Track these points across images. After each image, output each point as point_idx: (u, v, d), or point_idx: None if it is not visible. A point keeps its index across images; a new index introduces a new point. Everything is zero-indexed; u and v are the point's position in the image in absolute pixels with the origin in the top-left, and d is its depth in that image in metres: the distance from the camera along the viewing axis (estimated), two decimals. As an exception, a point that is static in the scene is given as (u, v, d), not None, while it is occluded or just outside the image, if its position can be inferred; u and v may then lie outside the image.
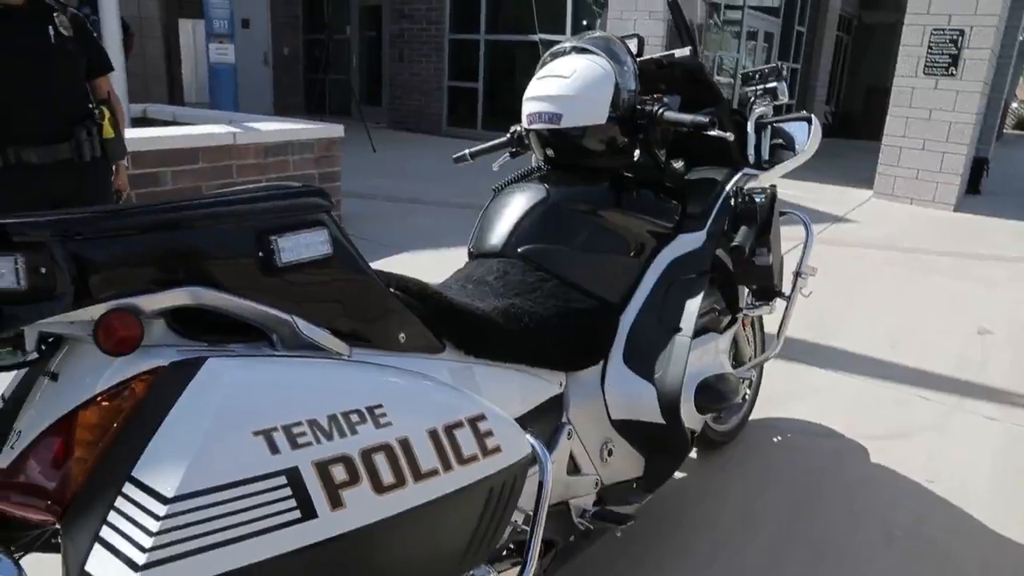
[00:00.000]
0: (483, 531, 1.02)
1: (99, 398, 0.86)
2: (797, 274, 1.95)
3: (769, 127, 1.87)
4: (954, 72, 6.45)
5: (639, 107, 1.63)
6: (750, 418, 2.44)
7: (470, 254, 1.64)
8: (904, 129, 6.84)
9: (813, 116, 1.85)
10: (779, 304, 2.01)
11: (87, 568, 0.74)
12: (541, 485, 1.13)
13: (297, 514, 0.81)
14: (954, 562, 1.88)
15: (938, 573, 1.83)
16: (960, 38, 6.39)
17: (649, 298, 1.59)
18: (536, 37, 9.49)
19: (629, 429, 1.54)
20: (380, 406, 0.92)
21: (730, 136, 1.61)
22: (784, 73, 1.80)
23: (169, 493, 0.75)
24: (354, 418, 0.89)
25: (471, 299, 1.33)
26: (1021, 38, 9.66)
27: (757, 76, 1.85)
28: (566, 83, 1.59)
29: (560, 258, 1.52)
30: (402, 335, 1.11)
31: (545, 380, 1.41)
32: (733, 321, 1.82)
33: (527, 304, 1.40)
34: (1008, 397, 2.87)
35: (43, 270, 0.79)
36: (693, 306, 1.54)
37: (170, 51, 9.30)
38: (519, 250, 1.51)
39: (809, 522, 2.01)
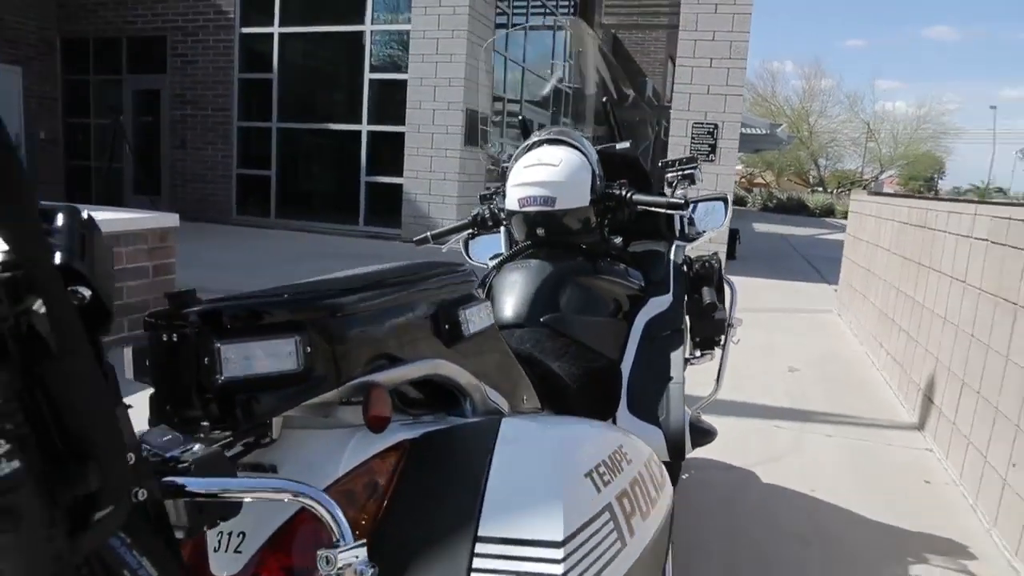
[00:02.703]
0: (666, 556, 1.15)
1: (340, 482, 0.85)
2: (728, 325, 2.31)
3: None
4: (714, 158, 7.69)
5: (607, 191, 1.90)
6: (661, 459, 2.75)
7: None
8: (677, 206, 7.97)
9: (728, 195, 2.25)
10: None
11: None
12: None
13: (619, 545, 0.87)
14: (860, 550, 2.28)
15: (853, 561, 2.22)
16: (715, 130, 7.67)
17: (638, 354, 1.82)
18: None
19: None
20: (622, 447, 1.03)
21: (686, 214, 1.94)
22: (699, 161, 2.18)
23: (559, 537, 0.77)
24: (617, 458, 0.99)
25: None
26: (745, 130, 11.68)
27: (676, 163, 2.22)
28: (556, 170, 1.81)
29: (575, 324, 1.70)
30: (525, 397, 1.23)
31: None
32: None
33: (566, 367, 1.56)
34: (832, 418, 3.49)
35: (309, 349, 0.79)
36: (678, 357, 1.80)
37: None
38: (541, 320, 1.68)
39: (743, 540, 2.31)
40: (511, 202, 1.88)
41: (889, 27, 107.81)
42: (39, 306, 0.47)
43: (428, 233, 2.18)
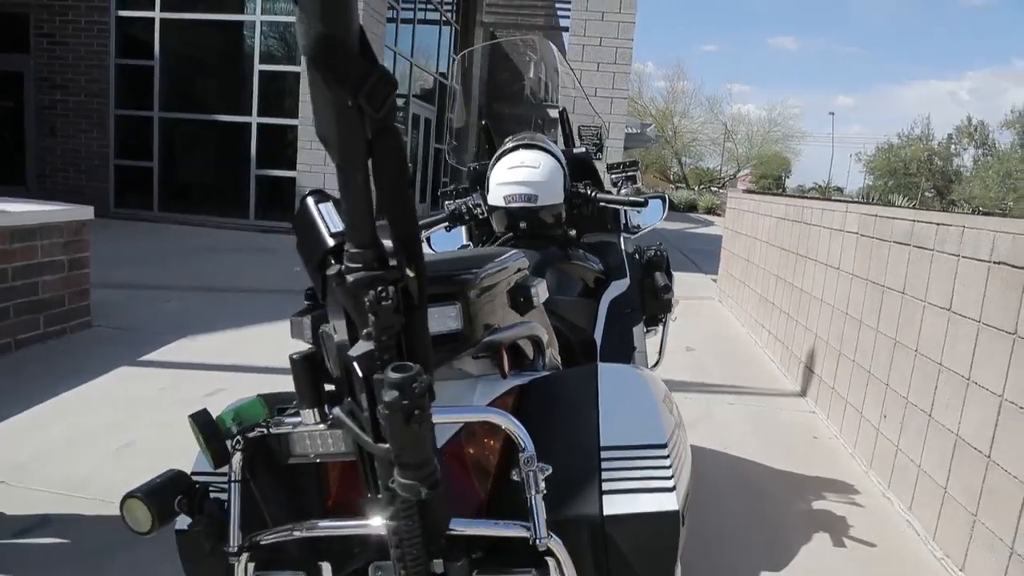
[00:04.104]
0: None
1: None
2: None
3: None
4: (600, 156, 8.20)
5: (573, 190, 2.21)
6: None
7: None
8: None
9: (665, 193, 2.61)
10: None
11: (606, 511, 0.97)
12: None
13: (684, 452, 1.13)
14: (771, 492, 2.73)
15: (764, 503, 2.66)
16: (601, 131, 8.19)
17: (606, 327, 2.15)
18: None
19: None
20: (665, 386, 1.32)
21: (642, 210, 2.28)
22: (640, 165, 2.53)
23: (661, 441, 1.03)
24: (667, 392, 1.27)
25: None
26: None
27: (620, 166, 2.56)
28: (537, 172, 2.10)
29: (559, 303, 2.00)
30: (559, 357, 1.51)
31: None
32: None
33: (562, 340, 1.86)
34: (730, 389, 4.00)
35: (463, 314, 1.03)
36: (639, 331, 2.15)
37: None
38: None
39: (675, 489, 2.71)
40: (496, 199, 2.14)
41: (738, 35, 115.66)
42: (411, 271, 0.72)
43: None
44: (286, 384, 1.05)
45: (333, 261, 0.71)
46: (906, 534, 2.49)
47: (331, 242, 0.74)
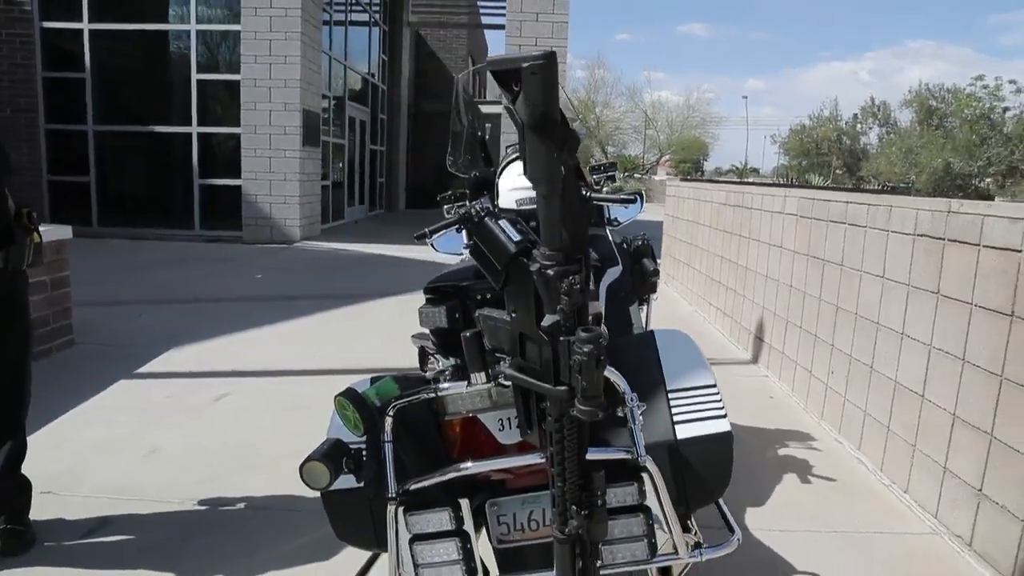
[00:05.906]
0: None
1: None
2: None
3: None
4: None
5: None
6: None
7: None
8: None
9: (643, 191, 2.96)
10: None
11: (679, 436, 1.29)
12: None
13: (724, 397, 1.48)
14: (740, 445, 3.13)
15: (737, 454, 3.06)
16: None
17: (607, 309, 2.49)
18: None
19: None
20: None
21: (636, 208, 2.62)
22: (617, 166, 2.88)
23: (710, 382, 1.36)
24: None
25: None
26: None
27: (602, 168, 2.90)
28: None
29: None
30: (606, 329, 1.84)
31: None
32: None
33: None
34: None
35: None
36: (634, 310, 2.50)
37: None
38: None
39: (661, 449, 3.09)
40: (507, 202, 2.44)
41: (648, 23, 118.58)
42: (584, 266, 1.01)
43: (426, 229, 2.67)
44: (291, 383, 1.33)
45: (526, 260, 1.01)
46: (857, 469, 2.94)
47: (514, 248, 1.04)
